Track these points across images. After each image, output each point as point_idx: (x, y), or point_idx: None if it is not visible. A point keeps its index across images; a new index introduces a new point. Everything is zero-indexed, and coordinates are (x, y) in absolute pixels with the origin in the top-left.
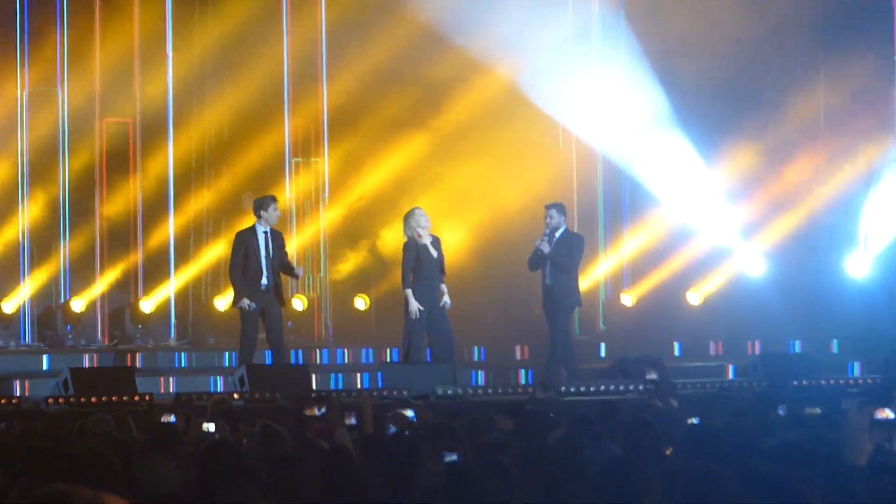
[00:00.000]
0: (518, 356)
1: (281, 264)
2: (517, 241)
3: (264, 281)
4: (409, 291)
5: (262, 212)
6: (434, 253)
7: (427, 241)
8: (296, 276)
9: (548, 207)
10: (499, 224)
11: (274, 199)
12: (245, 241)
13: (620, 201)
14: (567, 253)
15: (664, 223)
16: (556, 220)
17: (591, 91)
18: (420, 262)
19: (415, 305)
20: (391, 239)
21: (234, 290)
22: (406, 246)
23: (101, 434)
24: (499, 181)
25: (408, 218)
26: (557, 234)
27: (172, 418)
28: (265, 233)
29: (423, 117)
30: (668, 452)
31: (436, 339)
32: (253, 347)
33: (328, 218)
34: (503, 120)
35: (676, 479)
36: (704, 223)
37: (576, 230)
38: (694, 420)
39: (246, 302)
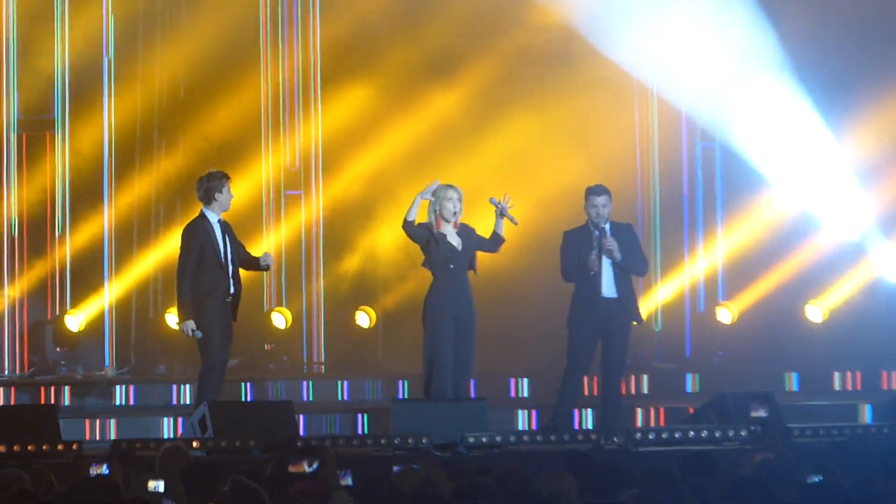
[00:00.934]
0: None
1: (241, 260)
2: None
3: (231, 289)
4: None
5: (216, 194)
6: (458, 244)
7: (449, 230)
8: (265, 268)
9: (599, 193)
10: (550, 213)
11: (227, 178)
12: (201, 238)
13: (714, 181)
14: (639, 253)
15: (774, 212)
16: (610, 209)
17: (675, 34)
18: (434, 254)
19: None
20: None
21: (180, 306)
22: (419, 226)
23: (13, 496)
24: (552, 154)
25: (436, 192)
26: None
27: (105, 469)
28: (219, 222)
29: (452, 65)
30: None
31: (454, 364)
32: (220, 379)
33: (322, 202)
34: (557, 72)
35: None
36: (829, 212)
37: (657, 220)
38: (815, 478)
39: (191, 326)
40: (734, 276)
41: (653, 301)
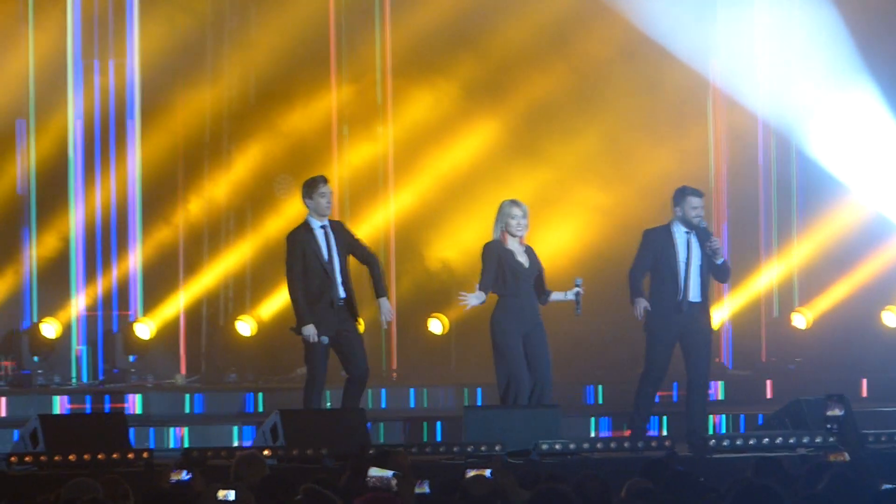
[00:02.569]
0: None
1: (362, 257)
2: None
3: (338, 295)
4: (481, 293)
5: (306, 200)
6: (525, 262)
7: (515, 246)
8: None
9: (698, 194)
10: (620, 218)
11: (320, 182)
12: (302, 245)
13: (790, 186)
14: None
15: (851, 216)
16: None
17: (750, 35)
18: (504, 272)
19: (479, 297)
20: (477, 236)
21: (297, 313)
22: (485, 248)
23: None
24: (627, 158)
25: (501, 210)
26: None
27: (185, 475)
28: (323, 228)
29: (524, 68)
30: None
31: (533, 383)
32: (321, 390)
33: (393, 209)
34: (630, 77)
35: None
36: None
37: (729, 224)
38: (889, 486)
39: (313, 332)
40: (809, 281)
41: (726, 307)
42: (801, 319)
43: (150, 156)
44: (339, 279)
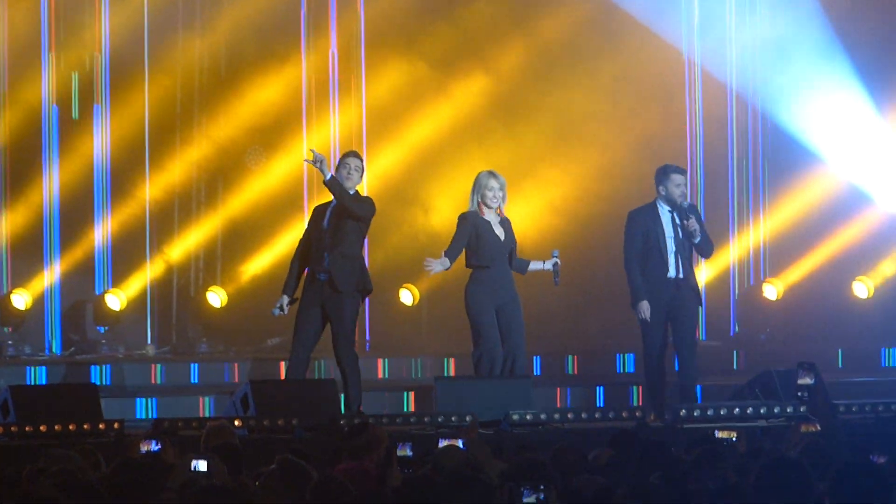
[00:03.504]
0: (620, 368)
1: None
2: (621, 214)
3: (323, 265)
4: (446, 260)
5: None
6: (501, 234)
7: (492, 217)
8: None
9: (681, 172)
10: (595, 189)
11: (346, 155)
12: (311, 216)
13: (760, 156)
14: (707, 234)
15: (823, 187)
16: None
17: (722, 7)
18: (480, 244)
19: (444, 262)
20: (451, 207)
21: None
22: (461, 218)
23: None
24: (599, 131)
25: (477, 181)
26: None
27: (154, 445)
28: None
29: (493, 42)
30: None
31: (506, 353)
32: (303, 365)
33: (365, 179)
34: (601, 47)
35: None
36: (876, 187)
37: (701, 196)
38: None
39: (281, 302)
40: (780, 252)
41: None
42: (771, 290)
43: (123, 126)
44: (322, 252)
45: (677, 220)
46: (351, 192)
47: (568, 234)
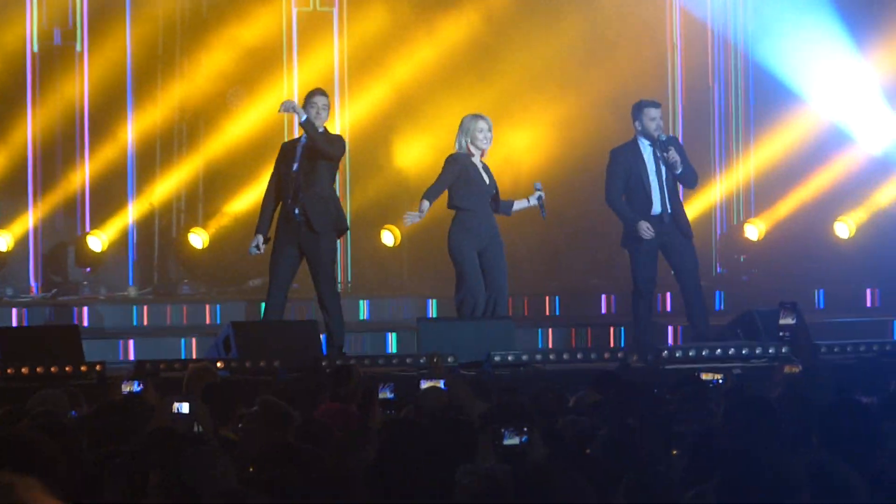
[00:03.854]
0: (604, 309)
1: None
2: (600, 154)
3: (298, 205)
4: (426, 202)
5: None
6: (486, 179)
7: (478, 162)
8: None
9: (655, 105)
10: (578, 128)
11: (316, 93)
12: (279, 156)
13: (744, 96)
14: (690, 164)
15: (803, 127)
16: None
17: None
18: (468, 187)
19: (423, 210)
20: (432, 148)
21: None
22: (450, 159)
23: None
24: (579, 70)
25: (464, 124)
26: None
27: (136, 386)
28: (302, 141)
29: None
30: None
31: (490, 294)
32: (281, 306)
33: (348, 120)
34: None
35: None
36: (858, 128)
37: (683, 136)
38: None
39: (254, 242)
40: (763, 192)
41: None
42: (753, 231)
43: (104, 68)
44: (296, 191)
45: (658, 155)
46: (320, 131)
47: (547, 176)
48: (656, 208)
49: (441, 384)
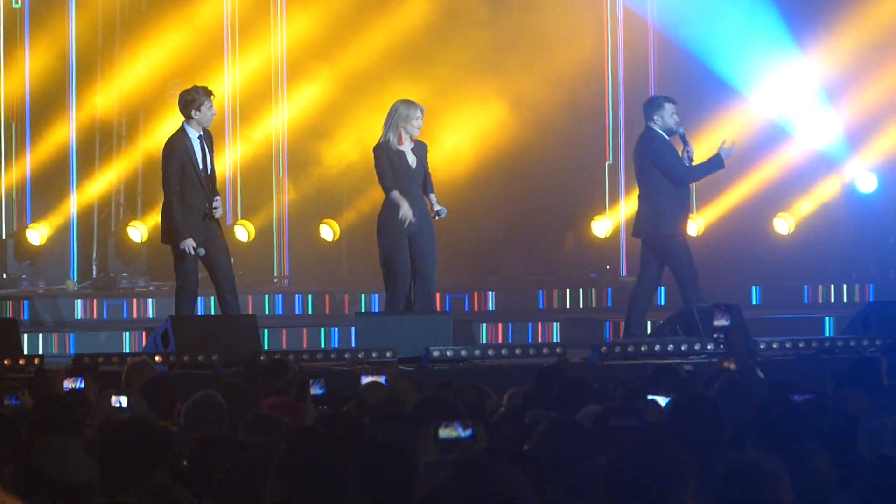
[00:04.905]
0: (543, 304)
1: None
2: (544, 148)
3: (209, 204)
4: (395, 194)
5: (193, 111)
6: (413, 162)
7: (406, 146)
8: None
9: (675, 101)
10: (519, 123)
11: (210, 94)
12: (181, 154)
13: (683, 92)
14: None
15: (742, 123)
16: None
17: None
18: (394, 173)
19: (406, 209)
20: (372, 141)
21: (175, 226)
22: (376, 150)
23: None
24: (516, 66)
25: (398, 110)
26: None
27: (79, 383)
28: (200, 138)
29: None
30: None
31: (416, 283)
32: (194, 299)
33: (286, 114)
34: None
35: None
36: (798, 124)
37: (622, 130)
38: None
39: (191, 245)
40: (701, 188)
41: (620, 214)
42: (692, 226)
43: (45, 61)
44: (209, 190)
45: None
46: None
47: (486, 173)
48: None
49: (382, 379)
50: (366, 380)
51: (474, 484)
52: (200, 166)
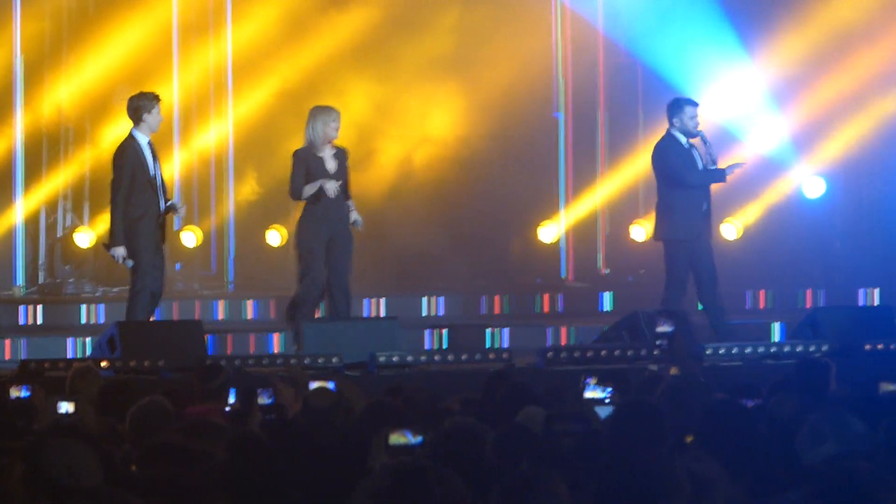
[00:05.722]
0: (484, 309)
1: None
2: (491, 153)
3: (161, 210)
4: (306, 188)
5: (145, 115)
6: (332, 167)
7: (327, 152)
8: (175, 211)
9: (695, 104)
10: (466, 128)
11: (158, 99)
12: (131, 160)
13: (631, 98)
14: None
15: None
16: None
17: None
18: (310, 178)
19: (326, 183)
20: None
21: (114, 230)
22: (295, 155)
23: None
24: (468, 72)
25: (316, 115)
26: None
27: (24, 392)
28: (149, 143)
29: None
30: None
31: (331, 291)
32: (151, 301)
33: (235, 115)
34: None
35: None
36: (745, 130)
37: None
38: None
39: (121, 253)
40: (651, 192)
41: (565, 219)
42: (640, 232)
43: None
44: (162, 195)
45: (695, 152)
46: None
47: (433, 178)
48: (706, 205)
49: (330, 384)
50: (314, 385)
51: (412, 489)
52: (152, 171)
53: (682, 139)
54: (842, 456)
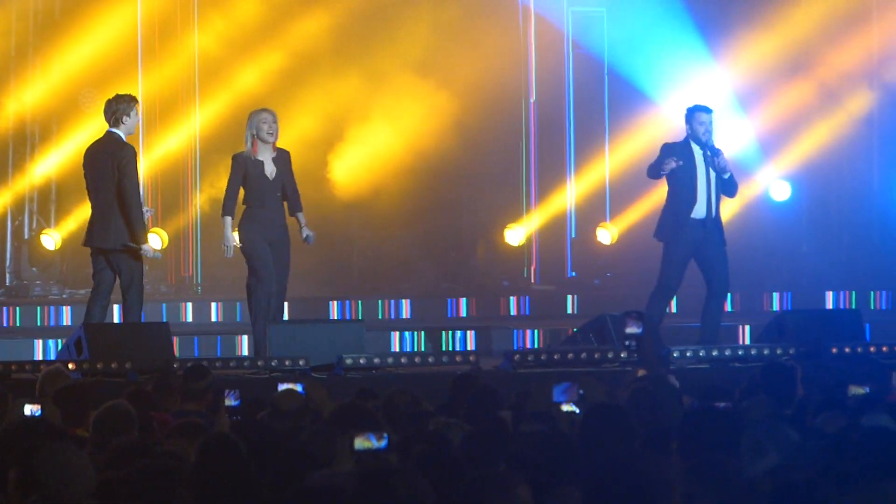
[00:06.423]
0: (452, 312)
1: None
2: (455, 156)
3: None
4: (226, 219)
5: (124, 117)
6: (271, 172)
7: (266, 155)
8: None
9: (708, 111)
10: (433, 131)
11: (136, 101)
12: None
13: (597, 101)
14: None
15: (656, 131)
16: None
17: None
18: (249, 185)
19: (230, 239)
20: (288, 144)
21: (140, 228)
22: (233, 160)
23: None
24: (433, 76)
25: (250, 118)
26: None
27: None
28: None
29: None
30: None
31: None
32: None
33: (201, 118)
34: None
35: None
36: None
37: (538, 139)
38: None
39: (153, 246)
40: (616, 196)
41: (532, 222)
42: (606, 235)
43: None
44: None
45: (707, 161)
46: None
47: (400, 181)
48: (700, 212)
49: (298, 387)
50: (282, 387)
51: (376, 491)
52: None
53: (691, 143)
54: (783, 467)
